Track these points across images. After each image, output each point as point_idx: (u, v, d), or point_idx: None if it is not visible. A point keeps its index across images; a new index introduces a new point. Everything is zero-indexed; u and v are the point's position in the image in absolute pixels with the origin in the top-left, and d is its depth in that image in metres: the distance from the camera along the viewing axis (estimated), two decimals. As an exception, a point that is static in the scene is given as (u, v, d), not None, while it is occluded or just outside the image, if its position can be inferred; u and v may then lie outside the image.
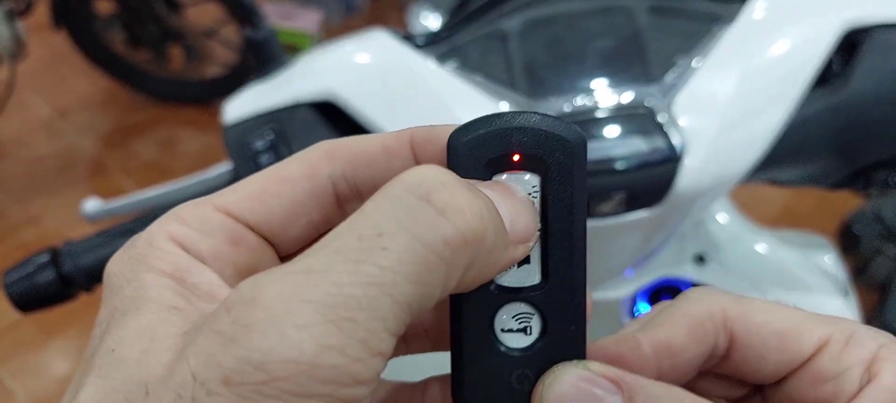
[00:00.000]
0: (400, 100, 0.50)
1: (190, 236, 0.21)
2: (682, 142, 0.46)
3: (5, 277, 0.50)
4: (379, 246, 0.17)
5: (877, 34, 0.48)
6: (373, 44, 0.52)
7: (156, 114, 2.26)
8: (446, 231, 0.18)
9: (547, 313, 0.23)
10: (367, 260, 0.17)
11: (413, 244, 0.18)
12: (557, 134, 0.22)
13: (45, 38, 2.23)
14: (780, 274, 0.63)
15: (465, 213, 0.18)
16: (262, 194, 0.22)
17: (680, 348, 0.23)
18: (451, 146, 0.22)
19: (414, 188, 0.18)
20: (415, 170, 0.19)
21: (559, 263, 0.23)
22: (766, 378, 0.24)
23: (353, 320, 0.17)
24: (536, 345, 0.23)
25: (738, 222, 0.67)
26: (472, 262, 0.19)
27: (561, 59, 0.50)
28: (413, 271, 0.17)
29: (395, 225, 0.18)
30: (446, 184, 0.19)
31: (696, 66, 0.48)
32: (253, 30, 0.55)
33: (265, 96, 0.52)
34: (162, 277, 0.20)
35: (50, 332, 1.56)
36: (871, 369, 0.22)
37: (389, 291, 0.17)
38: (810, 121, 0.48)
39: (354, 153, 0.23)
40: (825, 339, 0.23)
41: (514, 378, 0.23)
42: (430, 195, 0.18)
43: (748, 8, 0.49)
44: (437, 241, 0.18)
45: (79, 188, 1.95)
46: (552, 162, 0.22)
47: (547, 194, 0.22)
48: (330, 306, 0.17)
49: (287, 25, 2.33)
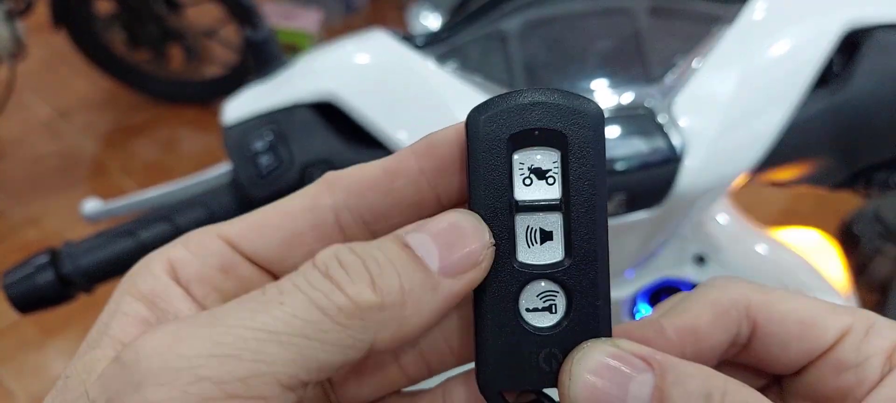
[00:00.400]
0: (399, 100, 0.50)
1: (185, 259, 0.23)
2: (683, 142, 0.46)
3: (5, 278, 0.50)
4: (277, 301, 0.19)
5: (877, 35, 0.48)
6: (372, 44, 0.52)
7: (156, 114, 2.26)
8: (339, 299, 0.20)
9: (572, 290, 0.22)
10: (264, 312, 0.19)
11: (308, 305, 0.19)
12: (576, 108, 0.22)
13: (44, 39, 2.23)
14: (780, 275, 0.63)
15: (357, 285, 0.20)
16: (262, 226, 0.23)
17: (705, 333, 0.23)
18: (470, 125, 0.22)
19: (319, 264, 0.20)
20: (325, 250, 0.21)
21: (582, 238, 0.22)
22: (786, 368, 0.24)
23: (237, 358, 0.18)
24: (562, 324, 0.22)
25: (738, 222, 0.67)
26: (382, 323, 0.20)
27: (561, 60, 0.50)
28: (306, 328, 0.19)
29: (295, 289, 0.20)
30: (344, 261, 0.20)
31: (696, 66, 0.48)
32: (252, 30, 0.55)
33: (265, 97, 0.52)
34: (136, 301, 0.22)
35: (50, 333, 1.56)
36: (893, 358, 0.22)
37: (278, 339, 0.19)
38: (811, 121, 0.48)
39: (355, 181, 0.23)
40: (846, 329, 0.23)
41: (541, 357, 0.22)
42: (329, 270, 0.20)
43: (748, 8, 0.49)
44: (332, 307, 0.19)
45: (79, 188, 1.95)
46: (572, 136, 0.22)
47: (568, 169, 0.22)
48: (216, 343, 0.18)
49: (287, 25, 2.33)
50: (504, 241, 0.22)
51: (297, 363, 0.19)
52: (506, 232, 0.22)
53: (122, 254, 0.50)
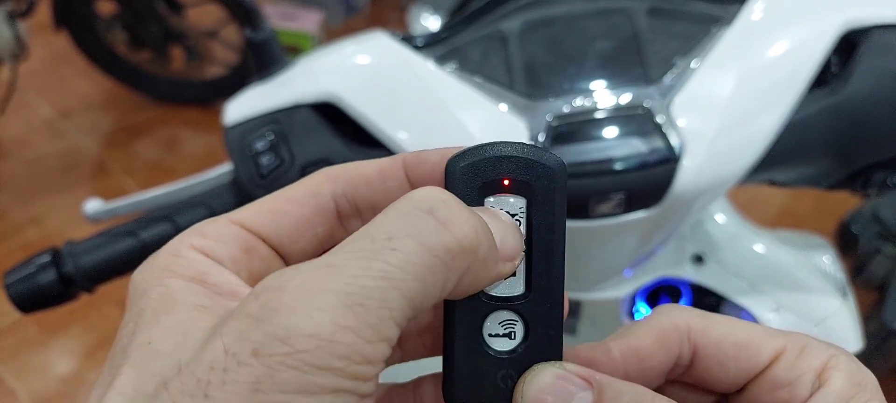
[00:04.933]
0: (399, 101, 0.50)
1: (209, 245, 0.24)
2: (681, 142, 0.46)
3: (6, 277, 0.50)
4: (389, 247, 0.20)
5: (875, 35, 0.49)
6: (373, 45, 0.53)
7: (157, 114, 2.26)
8: (447, 239, 0.21)
9: (530, 320, 0.25)
10: (379, 259, 0.20)
11: (418, 247, 0.20)
12: (542, 162, 0.25)
13: (46, 39, 2.24)
14: (779, 275, 0.63)
15: (462, 227, 0.21)
16: (271, 211, 0.25)
17: (647, 354, 0.26)
18: (449, 171, 0.25)
19: (420, 203, 0.21)
20: (420, 190, 0.22)
21: (541, 276, 0.25)
22: (728, 387, 0.26)
23: (365, 306, 0.19)
24: (519, 348, 0.25)
25: (736, 222, 0.67)
26: (466, 270, 0.22)
27: (560, 61, 0.50)
28: (417, 270, 0.20)
29: (403, 232, 0.21)
30: (447, 202, 0.22)
31: (694, 67, 0.48)
32: (253, 31, 0.55)
33: (266, 97, 0.53)
34: (186, 282, 0.23)
35: (52, 332, 1.56)
36: (822, 376, 0.24)
37: (397, 285, 0.20)
38: (808, 121, 0.48)
39: (354, 175, 0.26)
40: (780, 350, 0.25)
41: (499, 377, 0.25)
42: (433, 210, 0.21)
43: (746, 9, 0.49)
44: (440, 247, 0.21)
45: (81, 188, 1.96)
46: (537, 186, 0.25)
47: (531, 215, 0.25)
48: (346, 293, 0.19)
49: (288, 26, 2.33)
50: None
51: (411, 304, 0.20)
52: None
53: (124, 254, 0.50)
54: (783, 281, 0.63)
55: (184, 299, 0.22)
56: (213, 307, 0.22)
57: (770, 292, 0.61)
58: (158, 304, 0.22)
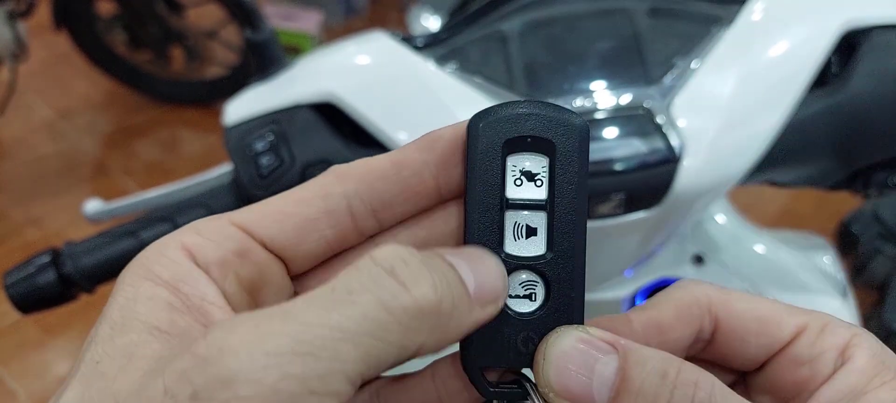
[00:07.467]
0: (399, 101, 0.50)
1: (200, 244, 0.23)
2: (681, 143, 0.46)
3: (6, 278, 0.50)
4: (349, 301, 0.20)
5: (875, 35, 0.48)
6: (373, 45, 0.53)
7: (157, 115, 2.26)
8: (405, 300, 0.20)
9: (551, 281, 0.25)
10: (337, 310, 0.20)
11: (377, 305, 0.20)
12: (565, 120, 0.25)
13: (46, 40, 2.24)
14: (779, 275, 0.63)
15: (422, 286, 0.21)
16: (275, 212, 0.24)
17: (668, 326, 0.25)
18: (471, 129, 0.25)
19: (383, 262, 0.21)
20: (383, 248, 0.22)
21: (563, 237, 0.25)
22: (748, 364, 0.26)
23: (315, 356, 0.19)
24: (540, 311, 0.25)
25: (736, 223, 0.67)
26: (433, 328, 0.21)
27: (560, 61, 0.50)
28: (374, 328, 0.20)
29: (363, 287, 0.20)
30: (408, 262, 0.21)
31: (694, 67, 0.48)
32: (254, 31, 0.55)
33: (266, 97, 0.53)
34: (158, 286, 0.22)
35: (51, 333, 1.56)
36: (845, 353, 0.24)
37: (352, 339, 0.19)
38: (809, 122, 0.48)
39: (365, 171, 0.25)
40: (802, 326, 0.25)
41: (519, 340, 0.25)
42: (393, 269, 0.21)
43: (747, 9, 0.49)
44: (397, 308, 0.20)
45: (80, 189, 1.95)
46: (560, 145, 0.25)
47: (554, 173, 0.25)
48: (297, 340, 0.19)
49: (288, 27, 2.33)
50: (494, 234, 0.25)
51: (364, 361, 0.20)
52: (496, 226, 0.25)
53: (124, 254, 0.50)
54: (783, 281, 0.63)
55: (142, 314, 0.21)
56: (170, 330, 0.21)
57: (770, 292, 0.61)
58: (118, 315, 0.22)
